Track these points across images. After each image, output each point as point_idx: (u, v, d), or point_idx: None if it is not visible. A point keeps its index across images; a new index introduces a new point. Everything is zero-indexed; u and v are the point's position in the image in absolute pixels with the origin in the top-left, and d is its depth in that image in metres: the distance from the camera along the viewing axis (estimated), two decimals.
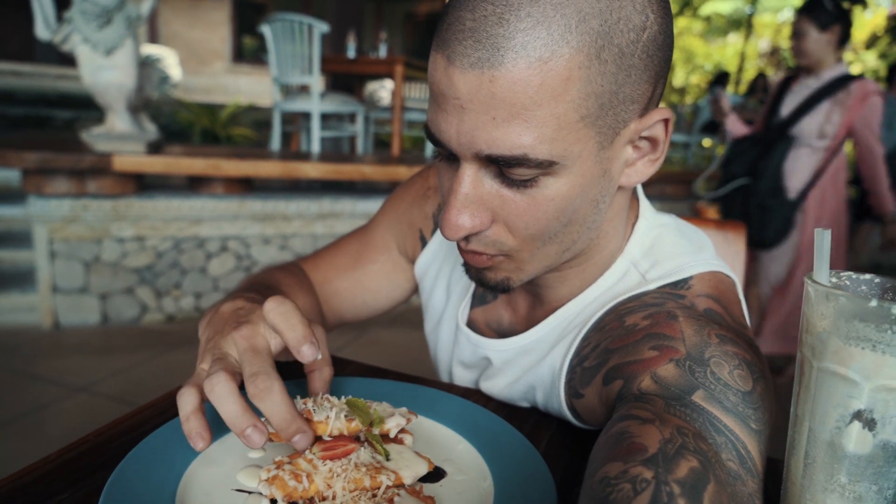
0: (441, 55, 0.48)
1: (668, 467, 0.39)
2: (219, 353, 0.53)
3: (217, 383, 0.48)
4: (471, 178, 0.51)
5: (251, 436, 0.48)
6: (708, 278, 0.61)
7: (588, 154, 0.50)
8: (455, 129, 0.49)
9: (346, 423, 0.52)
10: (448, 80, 0.48)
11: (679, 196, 4.57)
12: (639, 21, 0.47)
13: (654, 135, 0.54)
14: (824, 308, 0.40)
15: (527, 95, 0.45)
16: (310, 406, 0.52)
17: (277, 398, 0.49)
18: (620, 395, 0.52)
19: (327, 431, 0.51)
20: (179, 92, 9.02)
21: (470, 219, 0.51)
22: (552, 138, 0.47)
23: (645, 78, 0.50)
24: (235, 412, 0.48)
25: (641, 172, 0.56)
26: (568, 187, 0.50)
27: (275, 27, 4.26)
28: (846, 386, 0.39)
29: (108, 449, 0.56)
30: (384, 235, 0.84)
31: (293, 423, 0.49)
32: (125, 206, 2.98)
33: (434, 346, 0.84)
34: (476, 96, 0.46)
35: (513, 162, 0.48)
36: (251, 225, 3.28)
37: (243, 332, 0.53)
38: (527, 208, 0.51)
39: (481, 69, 0.45)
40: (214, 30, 11.08)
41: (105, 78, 2.92)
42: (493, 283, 0.58)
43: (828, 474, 0.41)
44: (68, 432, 2.08)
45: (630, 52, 0.47)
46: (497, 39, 0.45)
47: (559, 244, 0.55)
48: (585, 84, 0.46)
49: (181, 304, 3.22)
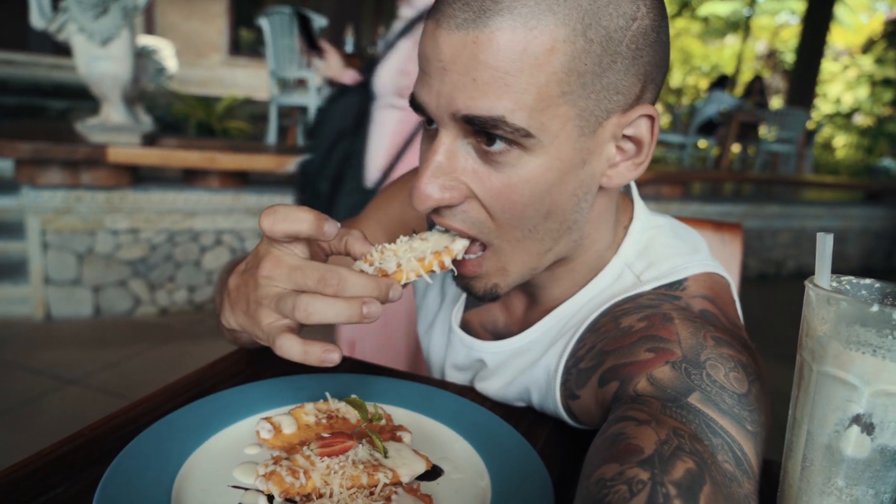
0: (431, 20, 0.49)
1: (665, 469, 0.39)
2: (272, 298, 0.48)
3: (307, 304, 0.45)
4: (446, 147, 0.51)
5: (371, 311, 0.45)
6: (703, 279, 0.61)
7: (566, 136, 0.49)
8: (436, 91, 0.49)
9: (418, 263, 0.50)
10: (434, 43, 0.49)
11: (675, 197, 4.58)
12: (629, 10, 0.48)
13: (638, 134, 0.53)
14: (825, 312, 0.40)
15: (509, 60, 0.46)
16: (377, 265, 0.50)
17: (354, 279, 0.46)
18: (616, 396, 0.52)
19: (402, 280, 0.49)
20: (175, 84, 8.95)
21: (440, 189, 0.51)
22: (531, 107, 0.47)
23: (633, 71, 0.50)
24: (342, 308, 0.45)
25: (624, 175, 0.55)
26: (544, 169, 0.50)
27: (272, 20, 4.24)
28: (845, 390, 0.39)
29: (103, 443, 0.55)
30: (375, 231, 0.83)
31: (380, 286, 0.47)
32: (119, 198, 2.96)
33: (427, 348, 0.83)
34: (459, 58, 0.47)
35: (489, 123, 0.47)
36: (246, 219, 3.27)
37: (268, 265, 0.48)
38: (502, 188, 0.50)
39: (466, 30, 0.46)
40: (211, 22, 11.01)
41: (100, 68, 2.90)
42: (481, 293, 0.57)
43: (825, 477, 0.41)
44: (60, 425, 2.07)
45: (618, 38, 0.48)
46: (484, 3, 0.46)
47: (540, 242, 0.54)
48: (569, 59, 0.47)
49: (175, 298, 3.21)
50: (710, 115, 7.72)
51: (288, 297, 0.47)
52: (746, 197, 5.35)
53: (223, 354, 0.76)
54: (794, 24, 15.83)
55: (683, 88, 17.57)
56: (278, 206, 0.48)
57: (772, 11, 17.08)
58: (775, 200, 5.16)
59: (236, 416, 0.60)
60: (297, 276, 0.47)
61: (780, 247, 4.97)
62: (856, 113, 15.87)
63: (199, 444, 0.55)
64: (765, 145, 7.42)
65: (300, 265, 0.47)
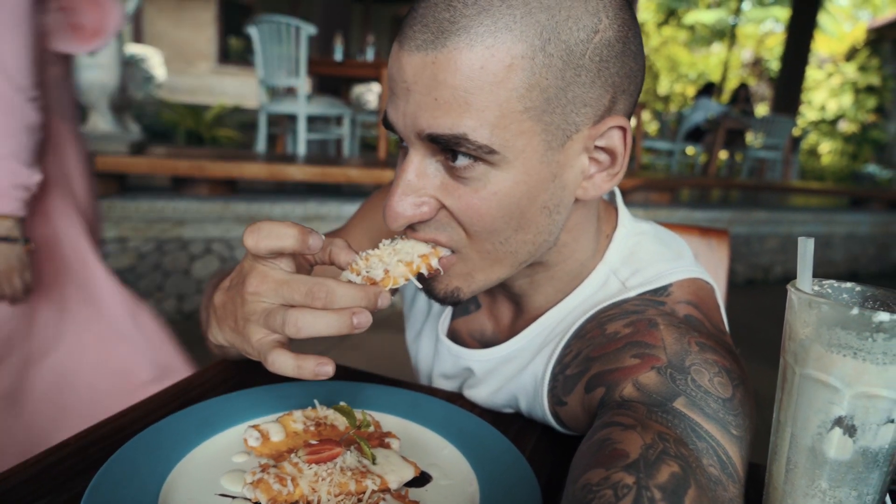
0: (396, 42, 0.51)
1: (650, 473, 0.39)
2: (260, 314, 0.48)
3: (297, 319, 0.45)
4: (415, 166, 0.51)
5: (361, 321, 0.45)
6: (687, 285, 0.61)
7: (533, 151, 0.50)
8: (402, 112, 0.50)
9: (405, 267, 0.50)
10: (398, 65, 0.50)
11: (663, 203, 4.61)
12: (590, 22, 0.48)
13: (611, 145, 0.53)
14: (807, 315, 0.41)
15: (468, 78, 0.47)
16: (364, 273, 0.50)
17: (342, 290, 0.46)
18: (603, 402, 0.52)
19: (389, 285, 0.49)
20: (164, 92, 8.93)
21: (412, 207, 0.52)
22: (493, 125, 0.48)
23: (599, 83, 0.50)
24: (332, 320, 0.45)
25: (600, 187, 0.55)
26: (511, 183, 0.50)
27: (262, 28, 4.24)
28: (827, 392, 0.40)
29: (89, 453, 0.55)
30: (360, 240, 0.83)
31: (369, 295, 0.47)
32: (107, 207, 2.94)
33: (415, 357, 0.84)
34: (420, 78, 0.48)
35: (452, 141, 0.48)
36: (235, 227, 3.25)
37: (254, 282, 0.48)
38: (471, 202, 0.51)
39: (426, 51, 0.47)
40: (200, 30, 11.00)
41: (87, 77, 2.89)
42: (441, 295, 0.57)
43: (809, 480, 0.42)
44: None
45: (580, 51, 0.48)
46: (442, 24, 0.47)
47: (513, 254, 0.55)
48: (529, 74, 0.47)
49: (164, 307, 3.19)
50: (697, 121, 7.80)
51: (277, 313, 0.47)
52: (734, 203, 5.40)
53: (211, 363, 0.75)
54: (779, 32, 16.06)
55: (671, 96, 17.73)
56: (262, 223, 0.48)
57: (757, 19, 17.32)
58: (762, 206, 5.21)
59: (224, 424, 0.60)
60: (284, 290, 0.47)
61: (767, 252, 5.01)
62: (840, 120, 16.09)
63: (187, 453, 0.55)
64: (751, 152, 7.50)
65: (287, 280, 0.47)
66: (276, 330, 0.47)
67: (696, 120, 7.84)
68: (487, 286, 0.58)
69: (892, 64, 14.92)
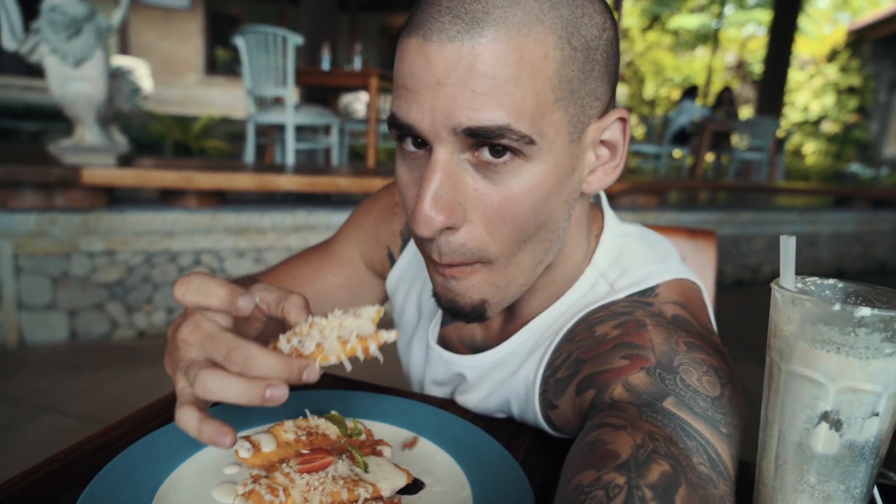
0: (415, 36, 0.48)
1: (640, 472, 0.39)
2: (185, 363, 0.48)
3: (206, 381, 0.44)
4: (444, 165, 0.49)
5: (275, 394, 0.44)
6: (674, 286, 0.62)
7: (561, 142, 0.51)
8: (429, 108, 0.48)
9: (340, 345, 0.47)
10: (424, 59, 0.48)
11: (652, 206, 4.65)
12: (600, 21, 0.51)
13: (612, 138, 0.55)
14: (790, 313, 0.41)
15: (509, 68, 0.46)
16: (295, 343, 0.47)
17: (262, 358, 0.44)
18: (593, 403, 0.52)
19: (318, 359, 0.46)
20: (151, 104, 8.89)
21: (445, 211, 0.49)
22: (532, 114, 0.48)
23: (606, 78, 0.53)
24: (243, 389, 0.44)
25: (602, 180, 0.56)
26: (543, 177, 0.50)
27: (248, 39, 4.24)
28: (813, 388, 0.40)
29: (78, 468, 0.54)
30: (348, 249, 0.83)
31: (291, 368, 0.45)
32: (95, 220, 2.92)
33: (406, 365, 0.83)
34: (454, 70, 0.47)
35: (495, 133, 0.47)
36: (225, 238, 3.24)
37: (186, 330, 0.48)
38: (503, 201, 0.50)
39: (461, 42, 0.46)
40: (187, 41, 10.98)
41: (74, 89, 2.87)
42: (467, 309, 0.56)
43: (798, 475, 0.42)
44: (35, 454, 2.01)
45: (595, 46, 0.50)
46: (476, 14, 0.46)
47: (532, 254, 0.54)
48: (560, 65, 0.48)
49: (153, 320, 3.16)
50: (682, 124, 7.88)
51: (193, 368, 0.46)
52: (721, 205, 5.44)
53: None
54: (761, 36, 16.25)
55: (657, 100, 17.88)
56: (193, 277, 0.47)
57: (739, 23, 17.54)
58: (749, 207, 5.26)
59: None
60: (208, 345, 0.46)
61: (755, 252, 5.05)
62: (823, 120, 16.29)
63: (177, 466, 0.54)
64: (737, 154, 7.57)
65: (213, 335, 0.46)
66: (191, 384, 0.46)
67: (681, 123, 7.92)
68: (511, 298, 0.57)
69: (872, 65, 15.14)
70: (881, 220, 5.77)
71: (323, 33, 5.52)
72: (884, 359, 0.38)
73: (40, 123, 6.47)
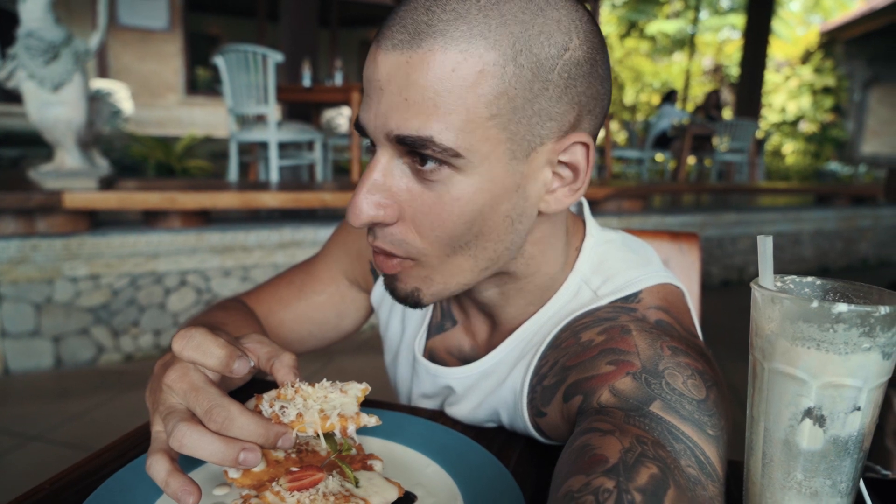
0: (374, 43, 0.51)
1: (629, 476, 0.39)
2: (165, 409, 0.48)
3: (183, 435, 0.45)
4: (382, 166, 0.52)
5: (247, 458, 0.45)
6: (657, 290, 0.63)
7: (497, 159, 0.51)
8: (374, 112, 0.51)
9: (321, 419, 0.47)
10: (374, 65, 0.50)
11: (636, 210, 4.68)
12: (561, 40, 0.50)
13: (574, 161, 0.54)
14: (771, 311, 0.42)
15: (439, 79, 0.47)
16: (276, 408, 0.48)
17: (241, 421, 0.45)
18: (581, 409, 0.53)
19: (296, 429, 0.47)
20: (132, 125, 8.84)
21: (375, 207, 0.52)
22: (459, 128, 0.48)
23: (566, 99, 0.51)
24: (217, 449, 0.44)
25: (561, 201, 0.56)
26: (474, 189, 0.51)
27: (228, 58, 4.24)
28: (795, 385, 0.41)
29: (64, 496, 0.54)
30: (331, 267, 0.83)
31: (268, 434, 0.46)
32: (77, 245, 2.89)
33: (393, 379, 0.83)
34: (394, 77, 0.49)
35: (419, 143, 0.49)
36: (210, 257, 3.22)
37: (173, 376, 0.48)
38: (433, 205, 0.51)
39: (401, 50, 0.48)
40: (166, 62, 10.94)
41: (52, 114, 2.85)
42: (402, 295, 0.58)
43: (785, 472, 0.43)
44: (21, 484, 1.97)
45: (549, 66, 0.50)
46: (420, 25, 0.48)
47: (472, 258, 0.55)
48: (498, 82, 0.48)
49: (140, 343, 3.12)
50: (663, 128, 7.97)
51: (173, 417, 0.46)
52: (705, 207, 5.50)
53: None
54: (736, 39, 16.53)
55: (637, 105, 18.09)
56: (195, 332, 0.48)
57: (714, 28, 17.84)
58: (732, 208, 5.32)
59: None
60: (191, 397, 0.47)
61: (740, 253, 5.11)
62: (801, 120, 16.56)
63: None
64: (718, 156, 7.67)
65: (199, 388, 0.47)
66: (167, 433, 0.46)
67: (661, 127, 8.01)
68: (449, 292, 0.58)
69: (845, 65, 15.45)
70: (861, 217, 5.86)
71: (303, 50, 5.53)
72: (862, 353, 0.39)
73: (20, 149, 6.41)
